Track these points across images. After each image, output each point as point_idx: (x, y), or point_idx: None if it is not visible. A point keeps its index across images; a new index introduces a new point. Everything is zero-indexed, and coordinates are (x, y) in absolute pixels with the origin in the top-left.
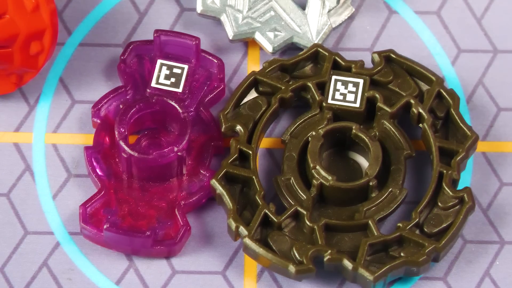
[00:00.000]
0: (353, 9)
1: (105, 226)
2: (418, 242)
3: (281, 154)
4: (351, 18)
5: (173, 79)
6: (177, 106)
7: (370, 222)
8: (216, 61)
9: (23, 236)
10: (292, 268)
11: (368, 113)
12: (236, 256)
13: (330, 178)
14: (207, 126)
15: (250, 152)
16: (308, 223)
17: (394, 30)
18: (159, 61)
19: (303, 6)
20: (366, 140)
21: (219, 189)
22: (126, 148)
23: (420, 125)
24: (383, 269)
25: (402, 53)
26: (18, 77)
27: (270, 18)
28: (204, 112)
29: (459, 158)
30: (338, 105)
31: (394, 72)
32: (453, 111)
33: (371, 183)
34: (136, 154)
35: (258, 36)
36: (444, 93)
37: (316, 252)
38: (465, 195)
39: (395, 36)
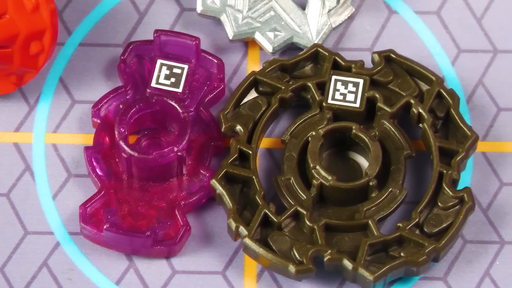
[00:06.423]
0: (353, 9)
1: (105, 226)
2: (418, 242)
3: (281, 154)
4: (351, 18)
5: (173, 79)
6: (177, 106)
7: (370, 222)
8: (216, 61)
9: (23, 236)
10: (292, 268)
11: (368, 113)
12: (236, 256)
13: (330, 178)
14: (207, 126)
15: (250, 152)
16: (308, 223)
17: (394, 30)
18: (159, 61)
19: (303, 6)
20: (366, 140)
21: (219, 189)
22: (126, 148)
23: (420, 125)
24: (383, 269)
25: (402, 53)
26: (18, 77)
27: (270, 18)
28: (204, 112)
29: (459, 158)
30: (338, 105)
31: (394, 72)
32: (453, 111)
33: (371, 183)
34: (136, 154)
35: (258, 36)
36: (444, 93)
37: (316, 252)
38: (465, 195)
39: (395, 36)
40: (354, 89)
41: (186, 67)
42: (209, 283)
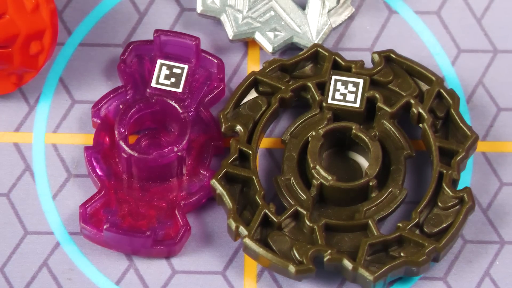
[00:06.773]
0: (353, 9)
1: (105, 226)
2: (418, 242)
3: (281, 154)
4: (351, 18)
5: (173, 79)
6: (177, 106)
7: (370, 222)
8: (216, 61)
9: (23, 236)
10: (292, 268)
11: (368, 113)
12: (236, 256)
13: (330, 178)
14: (207, 126)
15: (250, 152)
16: (308, 223)
17: (394, 30)
18: (159, 61)
19: (303, 6)
20: (366, 140)
21: (219, 189)
22: (126, 148)
23: (420, 125)
24: (383, 269)
25: (402, 53)
26: (18, 77)
27: (270, 18)
28: (204, 112)
29: (459, 158)
30: (338, 105)
31: (394, 72)
32: (453, 111)
33: (371, 183)
34: (136, 154)
35: (258, 36)
36: (444, 93)
37: (316, 252)
38: (465, 195)
39: (395, 36)
40: (354, 89)
41: (186, 67)
42: (209, 283)
